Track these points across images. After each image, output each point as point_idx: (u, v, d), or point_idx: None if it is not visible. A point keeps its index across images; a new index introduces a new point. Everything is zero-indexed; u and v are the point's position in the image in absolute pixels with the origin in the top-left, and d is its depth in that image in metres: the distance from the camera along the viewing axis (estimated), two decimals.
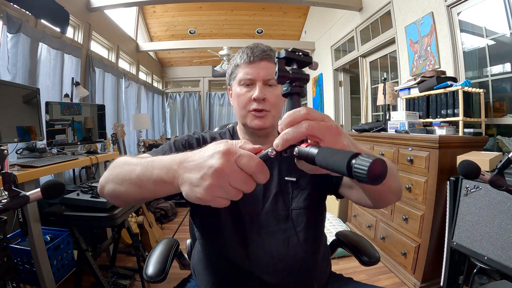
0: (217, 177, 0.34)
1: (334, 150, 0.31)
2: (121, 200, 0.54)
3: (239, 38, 5.24)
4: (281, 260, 0.69)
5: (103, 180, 0.55)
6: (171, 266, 0.78)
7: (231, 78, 0.78)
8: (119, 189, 0.50)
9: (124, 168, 0.50)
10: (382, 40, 2.92)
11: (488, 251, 1.28)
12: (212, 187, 0.34)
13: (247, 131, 0.78)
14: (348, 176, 0.27)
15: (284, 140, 0.35)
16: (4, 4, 1.89)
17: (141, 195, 0.48)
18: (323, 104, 4.48)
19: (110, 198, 0.55)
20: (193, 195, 0.36)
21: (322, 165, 0.31)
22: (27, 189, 1.27)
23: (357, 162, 0.26)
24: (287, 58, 0.42)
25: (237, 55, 0.77)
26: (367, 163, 0.25)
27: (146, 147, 3.97)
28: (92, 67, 2.96)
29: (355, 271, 1.94)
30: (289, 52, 0.42)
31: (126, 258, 2.14)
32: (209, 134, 0.82)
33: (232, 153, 0.34)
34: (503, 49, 1.83)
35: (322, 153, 0.31)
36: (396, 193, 0.60)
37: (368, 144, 2.24)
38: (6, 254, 1.02)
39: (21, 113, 1.59)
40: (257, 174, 0.34)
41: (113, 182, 0.52)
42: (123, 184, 0.49)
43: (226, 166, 0.34)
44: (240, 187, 0.35)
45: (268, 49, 0.74)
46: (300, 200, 0.73)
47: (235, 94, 0.75)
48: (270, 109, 0.72)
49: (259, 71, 0.72)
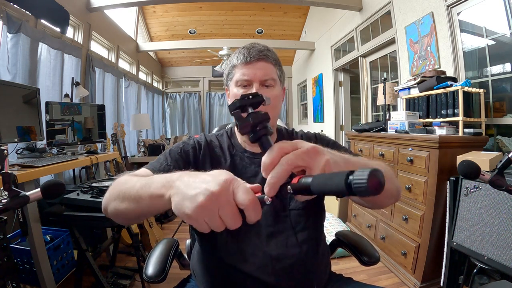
0: (210, 199, 0.34)
1: (326, 175, 0.32)
2: (123, 218, 0.55)
3: (239, 38, 5.24)
4: (280, 260, 0.69)
5: (106, 201, 0.56)
6: (171, 266, 0.78)
7: (228, 79, 0.78)
8: (120, 206, 0.51)
9: (124, 186, 0.51)
10: (382, 40, 2.92)
11: (488, 251, 1.28)
12: (202, 207, 0.34)
13: None
14: (349, 194, 0.28)
15: (272, 184, 0.35)
16: (4, 4, 1.89)
17: (139, 210, 0.48)
18: (323, 104, 4.48)
19: (113, 216, 0.56)
20: (181, 208, 0.36)
21: (321, 192, 0.32)
22: (27, 189, 1.27)
23: (354, 179, 0.27)
24: (240, 107, 0.44)
25: (233, 56, 0.76)
26: (365, 177, 0.26)
27: (146, 147, 3.97)
28: (92, 67, 2.96)
29: (355, 271, 1.94)
30: (240, 101, 0.44)
31: (126, 258, 2.14)
32: (205, 137, 0.81)
33: (232, 183, 0.35)
34: (503, 49, 1.83)
35: (316, 182, 0.32)
36: (394, 196, 0.60)
37: (368, 144, 2.24)
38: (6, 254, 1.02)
39: (21, 113, 1.59)
40: (250, 210, 0.34)
41: (115, 201, 0.53)
42: (123, 201, 0.50)
43: (222, 193, 0.34)
44: (226, 219, 0.35)
45: (265, 49, 0.73)
46: (299, 201, 0.72)
47: (232, 95, 0.75)
48: (268, 110, 0.72)
49: (256, 71, 0.71)
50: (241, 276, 0.69)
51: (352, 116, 4.13)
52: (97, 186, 1.44)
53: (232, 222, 0.35)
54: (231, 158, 0.77)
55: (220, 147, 0.79)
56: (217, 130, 1.15)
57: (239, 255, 0.69)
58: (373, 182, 0.26)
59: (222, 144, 0.81)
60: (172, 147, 0.77)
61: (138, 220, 0.57)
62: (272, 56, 0.75)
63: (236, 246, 0.70)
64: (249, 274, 0.68)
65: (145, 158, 3.87)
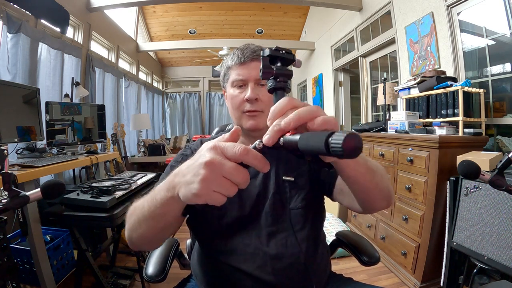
0: (208, 169, 0.35)
1: (313, 133, 0.32)
2: (147, 241, 0.57)
3: (239, 38, 5.24)
4: (280, 259, 0.69)
5: (128, 234, 0.57)
6: (171, 266, 0.78)
7: (225, 81, 0.79)
8: (142, 231, 0.53)
9: (136, 211, 0.54)
10: (382, 40, 2.92)
11: (488, 251, 1.28)
12: (205, 179, 0.35)
13: (243, 132, 0.78)
14: (327, 154, 0.28)
15: (273, 132, 0.36)
16: (4, 4, 1.89)
17: (160, 225, 0.51)
18: (323, 104, 4.48)
19: (140, 245, 0.58)
20: (189, 193, 0.36)
21: (304, 148, 0.32)
22: (27, 189, 1.27)
23: (333, 139, 0.27)
24: (271, 56, 0.45)
25: (228, 57, 0.77)
26: (341, 139, 0.26)
27: (146, 147, 3.97)
28: (92, 67, 2.96)
29: (355, 271, 1.94)
30: (272, 51, 0.45)
31: (126, 258, 2.14)
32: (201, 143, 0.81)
33: (217, 147, 0.36)
34: (503, 49, 1.83)
35: (304, 137, 0.33)
36: (384, 195, 0.60)
37: (368, 144, 2.24)
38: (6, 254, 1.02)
39: (21, 113, 1.59)
40: (248, 158, 0.35)
41: (136, 229, 0.54)
42: (142, 225, 0.52)
43: (215, 158, 0.35)
44: (232, 177, 0.35)
45: (259, 49, 0.74)
46: (298, 200, 0.73)
47: (229, 96, 0.76)
48: (264, 109, 0.72)
49: (251, 71, 0.72)
50: (241, 276, 0.69)
51: (352, 116, 4.13)
52: (97, 186, 1.44)
53: (239, 176, 0.35)
54: None
55: None
56: (217, 130, 1.15)
57: (239, 255, 0.69)
58: (348, 144, 0.26)
59: None
60: (172, 163, 0.78)
61: (163, 236, 0.58)
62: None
63: (236, 246, 0.70)
64: (249, 273, 0.68)
65: (145, 158, 3.88)
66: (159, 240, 0.61)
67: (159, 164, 3.97)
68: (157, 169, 3.91)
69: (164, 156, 3.88)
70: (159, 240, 0.61)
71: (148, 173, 1.96)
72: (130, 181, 1.64)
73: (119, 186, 1.51)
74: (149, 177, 1.84)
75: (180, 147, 4.92)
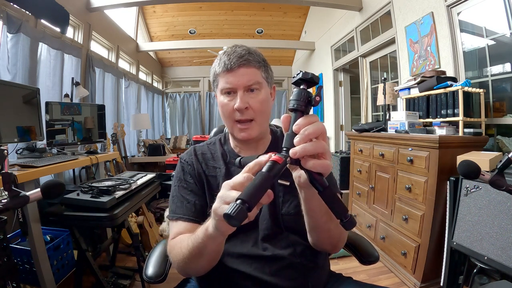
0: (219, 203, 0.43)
1: (335, 197, 0.42)
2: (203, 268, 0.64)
3: (239, 38, 5.24)
4: (276, 261, 0.69)
5: (180, 271, 0.68)
6: (171, 267, 0.78)
7: (214, 86, 0.77)
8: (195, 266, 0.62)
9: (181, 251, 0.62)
10: (382, 40, 2.92)
11: (488, 251, 1.28)
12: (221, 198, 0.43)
13: (237, 140, 0.78)
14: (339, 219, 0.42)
15: (303, 151, 0.41)
16: (4, 4, 1.89)
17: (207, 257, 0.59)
18: (323, 104, 4.48)
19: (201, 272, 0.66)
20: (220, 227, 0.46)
21: (327, 202, 0.42)
22: (27, 189, 1.27)
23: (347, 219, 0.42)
24: (300, 80, 0.46)
25: (215, 63, 0.74)
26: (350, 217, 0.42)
27: (146, 147, 3.97)
28: (92, 67, 2.96)
29: (355, 271, 1.94)
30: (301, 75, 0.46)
31: (126, 258, 2.14)
32: (194, 152, 0.82)
33: (223, 187, 0.43)
34: (503, 49, 1.83)
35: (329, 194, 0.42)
36: (332, 242, 0.67)
37: (368, 144, 2.24)
38: (6, 254, 1.02)
39: (21, 113, 1.59)
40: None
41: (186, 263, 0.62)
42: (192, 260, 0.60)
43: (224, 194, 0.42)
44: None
45: (246, 53, 0.70)
46: (291, 206, 0.73)
47: (219, 103, 0.74)
48: (255, 117, 0.71)
49: (239, 78, 0.69)
50: (241, 277, 0.69)
51: (352, 116, 4.13)
52: (97, 186, 1.44)
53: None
54: (226, 166, 0.78)
55: (212, 158, 0.80)
56: (215, 131, 1.15)
57: (237, 257, 0.70)
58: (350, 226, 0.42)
59: (215, 154, 0.81)
60: (174, 182, 0.78)
61: (215, 262, 0.63)
62: (255, 58, 0.72)
63: (234, 248, 0.71)
64: (248, 274, 0.68)
65: (145, 158, 3.88)
66: (212, 264, 0.65)
67: (159, 164, 3.97)
68: (157, 169, 3.90)
69: (164, 156, 3.87)
70: (211, 264, 0.66)
71: (148, 173, 1.95)
72: (130, 181, 1.64)
73: (119, 186, 1.52)
74: (149, 177, 1.84)
75: (180, 147, 4.92)
